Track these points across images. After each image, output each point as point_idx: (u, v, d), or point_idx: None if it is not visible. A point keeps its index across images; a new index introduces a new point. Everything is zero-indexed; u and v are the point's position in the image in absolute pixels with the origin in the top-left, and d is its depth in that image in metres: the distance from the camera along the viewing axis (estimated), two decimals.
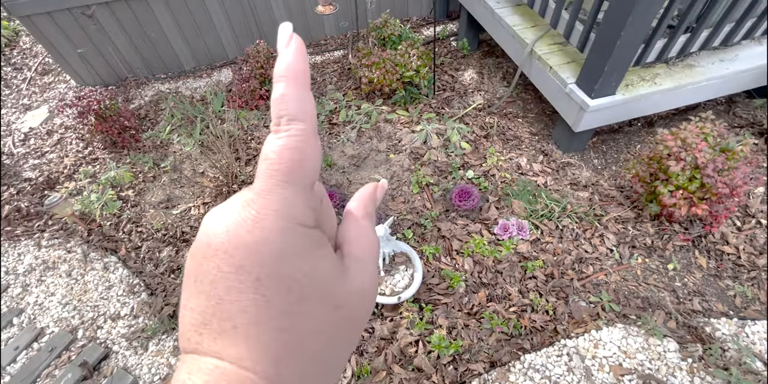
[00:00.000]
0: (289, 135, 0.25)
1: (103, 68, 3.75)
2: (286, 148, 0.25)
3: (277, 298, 0.23)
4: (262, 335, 0.22)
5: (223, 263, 0.23)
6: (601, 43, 2.23)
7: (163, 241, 2.59)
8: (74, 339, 2.19)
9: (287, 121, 0.25)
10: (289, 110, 0.25)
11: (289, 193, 0.24)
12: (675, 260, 2.16)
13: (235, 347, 0.22)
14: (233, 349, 0.22)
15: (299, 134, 0.25)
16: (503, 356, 1.85)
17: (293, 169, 0.25)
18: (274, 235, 0.23)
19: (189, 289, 0.24)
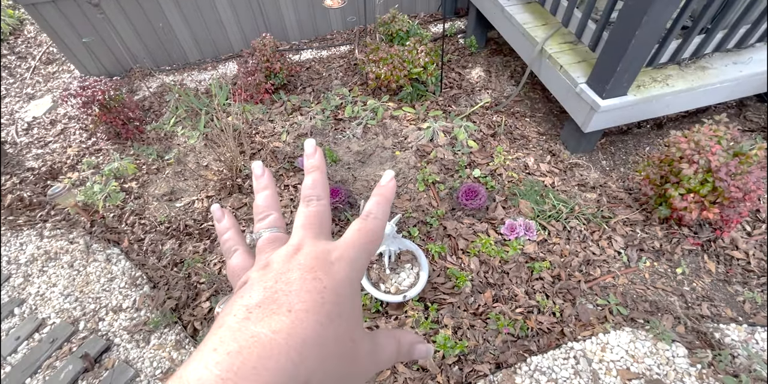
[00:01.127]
0: (318, 205, 0.40)
1: (107, 58, 3.72)
2: (315, 213, 0.39)
3: (328, 304, 0.31)
4: (306, 320, 0.29)
5: (306, 272, 0.32)
6: (614, 43, 2.20)
7: (166, 233, 2.57)
8: (75, 331, 2.17)
9: (317, 198, 0.40)
10: (317, 192, 0.40)
11: (357, 252, 0.36)
12: (684, 264, 2.14)
13: (279, 323, 0.28)
14: (277, 324, 0.28)
15: (323, 206, 0.40)
16: (509, 358, 1.84)
17: (322, 225, 0.38)
18: (346, 269, 0.34)
19: (256, 284, 0.32)
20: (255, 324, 0.28)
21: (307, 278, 0.31)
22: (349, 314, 0.32)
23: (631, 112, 2.50)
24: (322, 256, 0.34)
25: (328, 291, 0.31)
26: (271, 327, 0.28)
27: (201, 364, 0.26)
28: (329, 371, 0.29)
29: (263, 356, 0.26)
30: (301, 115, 3.26)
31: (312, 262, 0.33)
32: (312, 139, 0.42)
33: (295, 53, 4.01)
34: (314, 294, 0.30)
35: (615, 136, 2.92)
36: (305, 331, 0.28)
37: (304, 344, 0.28)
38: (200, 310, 2.19)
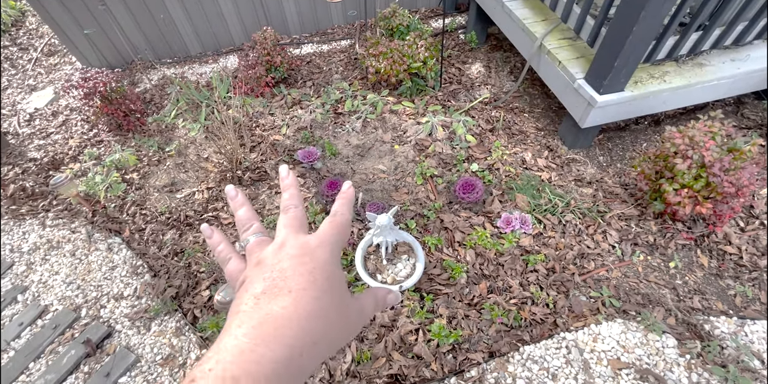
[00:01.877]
0: (295, 211, 0.47)
1: (109, 50, 3.74)
2: (294, 216, 0.47)
3: (319, 281, 0.38)
4: (305, 296, 0.36)
5: (295, 259, 0.39)
6: (612, 39, 2.22)
7: (166, 224, 2.60)
8: (78, 317, 2.21)
9: (294, 206, 0.48)
10: (294, 202, 0.48)
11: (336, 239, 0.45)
12: (677, 258, 2.17)
13: (284, 301, 0.35)
14: (283, 302, 0.35)
15: (300, 211, 0.48)
16: (502, 347, 1.87)
17: (301, 225, 0.46)
18: (327, 252, 0.42)
19: (255, 278, 0.39)
20: (265, 306, 0.35)
21: (297, 263, 0.39)
22: (338, 286, 0.40)
23: (628, 108, 2.52)
24: (305, 245, 0.41)
25: (317, 271, 0.39)
26: (279, 305, 0.35)
27: (231, 338, 0.33)
28: (330, 332, 0.37)
29: (279, 326, 0.34)
30: (301, 109, 3.28)
31: (298, 251, 0.41)
32: (285, 165, 0.52)
33: (295, 47, 4.03)
34: (306, 275, 0.38)
35: (612, 132, 2.95)
36: (307, 305, 0.36)
37: (309, 315, 0.35)
38: (200, 299, 2.22)
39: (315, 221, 2.48)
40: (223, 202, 2.68)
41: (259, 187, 2.75)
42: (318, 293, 0.37)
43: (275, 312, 0.34)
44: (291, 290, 0.36)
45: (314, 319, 0.35)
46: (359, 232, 2.42)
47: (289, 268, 0.38)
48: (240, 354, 0.31)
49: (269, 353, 0.32)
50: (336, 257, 0.42)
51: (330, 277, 0.39)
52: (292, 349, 0.33)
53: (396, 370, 1.82)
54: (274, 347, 0.32)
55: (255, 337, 0.32)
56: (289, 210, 0.47)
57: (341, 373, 1.83)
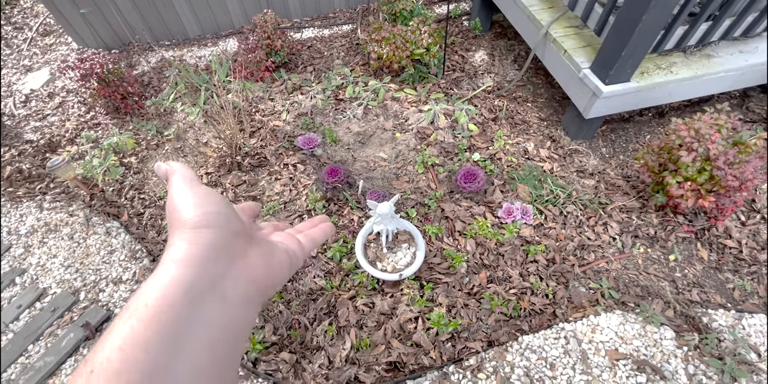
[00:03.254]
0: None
1: (105, 31, 3.66)
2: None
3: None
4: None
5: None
6: (620, 27, 2.18)
7: (165, 208, 2.58)
8: (76, 301, 2.20)
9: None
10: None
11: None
12: (677, 251, 2.17)
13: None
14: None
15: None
16: (501, 336, 1.88)
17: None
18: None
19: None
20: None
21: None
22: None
23: (633, 100, 2.50)
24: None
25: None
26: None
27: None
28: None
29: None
30: (301, 94, 3.24)
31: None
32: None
33: (296, 31, 3.96)
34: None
35: (616, 123, 2.93)
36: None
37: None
38: None
39: (315, 208, 2.47)
40: (222, 188, 2.66)
41: (259, 173, 2.73)
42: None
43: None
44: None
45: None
46: (359, 219, 2.41)
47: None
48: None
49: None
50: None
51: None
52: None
53: (395, 358, 1.83)
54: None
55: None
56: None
57: (340, 359, 1.84)
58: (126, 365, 0.27)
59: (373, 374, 1.80)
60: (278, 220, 2.45)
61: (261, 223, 0.50)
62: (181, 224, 0.36)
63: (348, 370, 1.80)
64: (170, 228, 0.37)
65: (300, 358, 1.88)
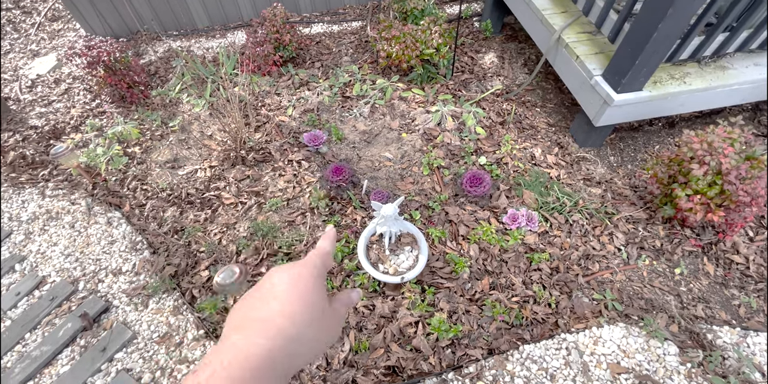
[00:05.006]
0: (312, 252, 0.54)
1: (114, 19, 3.63)
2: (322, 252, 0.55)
3: (300, 289, 0.46)
4: (287, 300, 0.45)
5: (283, 275, 0.48)
6: (635, 35, 2.15)
7: (167, 201, 2.56)
8: (75, 290, 2.19)
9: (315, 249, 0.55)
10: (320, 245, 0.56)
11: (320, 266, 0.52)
12: (683, 265, 2.15)
13: (272, 304, 0.44)
14: (271, 305, 0.44)
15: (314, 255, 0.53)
16: (502, 344, 1.86)
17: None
18: (309, 269, 0.49)
19: (252, 292, 0.47)
20: (258, 310, 0.44)
21: (284, 277, 0.47)
22: (318, 296, 0.47)
23: (644, 109, 2.47)
24: (293, 265, 0.49)
25: (300, 282, 0.47)
26: (268, 307, 0.44)
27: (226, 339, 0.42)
28: (310, 328, 0.44)
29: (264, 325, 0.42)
30: (308, 90, 3.21)
31: (286, 269, 0.48)
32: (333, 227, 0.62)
33: (305, 26, 3.93)
34: (291, 287, 0.46)
35: (625, 132, 2.90)
36: (288, 306, 0.44)
37: (291, 314, 0.43)
38: (199, 279, 2.20)
39: (318, 206, 2.45)
40: (225, 182, 2.64)
41: (263, 168, 2.71)
42: (298, 296, 0.45)
43: (263, 315, 0.43)
44: (276, 297, 0.44)
45: (294, 317, 0.43)
46: (362, 219, 2.39)
47: (277, 280, 0.46)
48: (232, 346, 0.40)
49: (254, 346, 0.40)
50: (318, 274, 0.49)
51: (309, 287, 0.46)
52: (275, 341, 0.41)
53: (394, 362, 1.82)
54: (260, 341, 0.40)
55: (245, 336, 0.41)
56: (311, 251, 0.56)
57: (338, 361, 1.83)
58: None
59: (371, 378, 1.78)
60: (280, 217, 2.43)
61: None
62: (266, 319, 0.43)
63: (346, 373, 1.78)
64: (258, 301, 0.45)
65: None
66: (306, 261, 0.52)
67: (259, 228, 2.34)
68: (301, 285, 0.46)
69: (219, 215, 2.48)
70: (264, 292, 0.46)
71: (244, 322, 0.43)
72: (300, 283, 0.46)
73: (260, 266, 2.23)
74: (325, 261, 0.54)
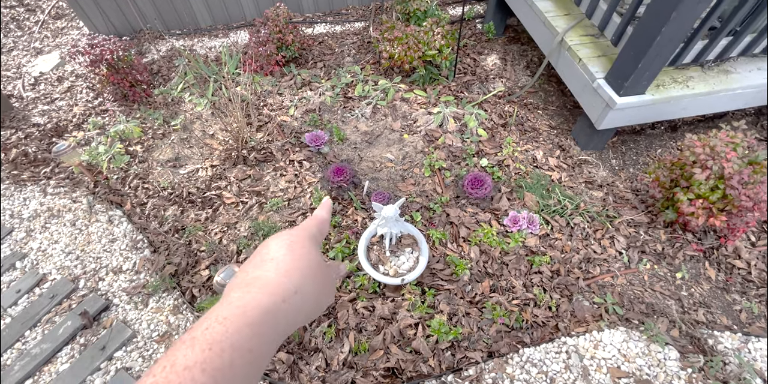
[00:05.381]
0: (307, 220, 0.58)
1: (117, 18, 3.64)
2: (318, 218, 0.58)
3: (296, 250, 0.48)
4: (284, 259, 0.46)
5: (278, 239, 0.50)
6: (638, 39, 2.15)
7: (168, 199, 2.56)
8: (75, 288, 2.19)
9: (311, 219, 0.58)
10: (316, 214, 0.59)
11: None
12: (684, 269, 2.15)
13: (268, 265, 0.46)
14: (267, 266, 0.46)
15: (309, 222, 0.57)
16: (502, 347, 1.86)
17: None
18: (304, 232, 0.52)
19: (250, 259, 0.48)
20: (253, 273, 0.45)
21: (279, 241, 0.49)
22: (313, 254, 0.49)
23: (647, 112, 2.47)
24: (288, 231, 0.51)
25: (295, 243, 0.49)
26: (264, 269, 0.45)
27: (225, 300, 0.41)
28: (307, 284, 0.45)
29: (263, 282, 0.43)
30: (310, 90, 3.21)
31: (281, 235, 0.50)
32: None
33: (308, 26, 3.93)
34: (285, 247, 0.48)
35: (627, 135, 2.90)
36: (285, 264, 0.45)
37: (287, 271, 0.45)
38: (199, 278, 2.20)
39: None
40: (226, 182, 2.64)
41: (264, 168, 2.71)
42: (294, 256, 0.46)
43: (260, 274, 0.44)
44: (273, 258, 0.46)
45: (292, 273, 0.44)
46: (363, 221, 2.39)
47: (272, 245, 0.48)
48: (228, 304, 0.39)
49: (253, 301, 0.40)
50: (313, 239, 0.52)
51: (306, 248, 0.49)
52: (274, 296, 0.41)
53: (393, 364, 1.81)
54: (258, 296, 0.40)
55: (244, 293, 0.41)
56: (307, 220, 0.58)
57: (338, 362, 1.83)
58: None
59: (370, 379, 1.78)
60: (281, 217, 2.43)
61: None
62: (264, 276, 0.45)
63: (345, 374, 1.78)
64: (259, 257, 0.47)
65: (297, 359, 1.86)
66: (301, 226, 0.54)
67: (259, 228, 2.34)
68: (297, 246, 0.48)
69: (220, 214, 2.48)
70: (261, 256, 0.47)
71: (242, 282, 0.43)
72: (296, 245, 0.48)
73: None
74: (321, 227, 0.56)
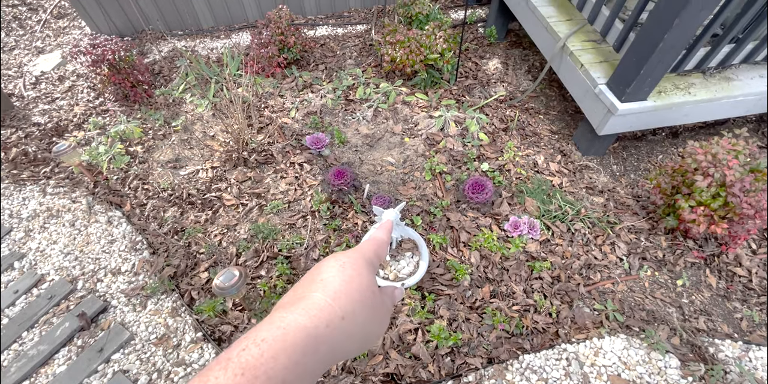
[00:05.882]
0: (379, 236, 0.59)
1: (119, 18, 3.63)
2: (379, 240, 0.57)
3: (347, 271, 0.45)
4: (333, 281, 0.44)
5: (331, 260, 0.47)
6: (640, 45, 2.15)
7: (168, 201, 2.56)
8: (74, 289, 2.18)
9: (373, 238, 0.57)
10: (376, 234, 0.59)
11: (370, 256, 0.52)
12: (685, 276, 2.14)
13: (316, 287, 0.43)
14: (315, 287, 0.43)
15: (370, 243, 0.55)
16: (502, 354, 1.85)
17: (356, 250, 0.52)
18: (358, 253, 0.49)
19: (301, 279, 0.47)
20: (300, 293, 0.43)
21: (331, 261, 0.47)
22: (366, 277, 0.46)
23: (648, 119, 2.47)
24: (343, 252, 0.49)
25: (347, 264, 0.46)
26: (311, 290, 0.43)
27: (269, 320, 0.39)
28: (356, 311, 0.42)
29: (309, 304, 0.41)
30: (311, 93, 3.21)
31: (335, 255, 0.48)
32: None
33: (310, 28, 3.93)
34: (336, 267, 0.46)
35: (628, 141, 2.90)
36: (334, 287, 0.43)
37: (335, 294, 0.42)
38: (198, 280, 2.19)
39: (319, 210, 2.44)
40: (226, 183, 2.63)
41: (265, 170, 2.70)
42: (345, 279, 0.44)
43: (307, 295, 0.41)
44: (323, 279, 0.43)
45: (339, 296, 0.42)
46: (363, 224, 2.39)
47: (324, 265, 0.46)
48: (270, 324, 0.37)
49: (295, 322, 0.37)
50: (369, 262, 0.49)
51: (357, 270, 0.46)
52: (317, 319, 0.38)
53: (392, 370, 1.80)
54: (300, 318, 0.38)
55: (288, 313, 0.39)
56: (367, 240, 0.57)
57: (336, 367, 1.82)
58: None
59: None
60: (281, 219, 2.42)
61: None
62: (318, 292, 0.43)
63: (344, 379, 1.77)
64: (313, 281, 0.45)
65: None
66: (358, 247, 0.52)
67: (259, 230, 2.33)
68: (349, 268, 0.45)
69: (220, 216, 2.47)
70: (312, 276, 0.45)
71: (287, 303, 0.42)
72: (348, 266, 0.46)
73: (260, 269, 2.22)
74: (379, 251, 0.53)
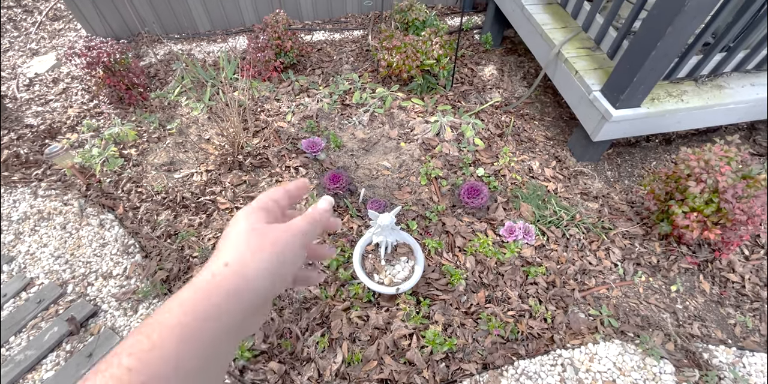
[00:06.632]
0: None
1: (115, 20, 3.62)
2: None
3: (241, 224, 0.46)
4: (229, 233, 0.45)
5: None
6: (633, 52, 2.18)
7: (162, 204, 2.53)
8: (63, 293, 2.14)
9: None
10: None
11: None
12: (679, 282, 2.15)
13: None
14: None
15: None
16: (497, 359, 1.84)
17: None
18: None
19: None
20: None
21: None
22: (245, 221, 0.46)
23: (642, 125, 2.49)
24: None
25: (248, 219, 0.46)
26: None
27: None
28: (244, 252, 0.43)
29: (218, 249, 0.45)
30: (308, 97, 3.21)
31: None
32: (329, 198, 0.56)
33: (307, 33, 3.94)
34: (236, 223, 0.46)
35: (622, 147, 2.92)
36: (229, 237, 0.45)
37: (219, 245, 0.45)
38: None
39: None
40: (221, 187, 2.61)
41: (260, 174, 2.69)
42: (228, 229, 0.45)
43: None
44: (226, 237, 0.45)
45: (221, 246, 0.44)
46: (359, 229, 2.38)
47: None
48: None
49: (191, 281, 0.41)
50: (263, 208, 0.48)
51: (239, 217, 0.46)
52: (205, 271, 0.42)
53: (386, 375, 1.79)
54: (195, 278, 0.42)
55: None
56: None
57: (330, 373, 1.80)
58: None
59: None
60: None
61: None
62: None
63: None
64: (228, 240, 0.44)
65: (289, 368, 1.83)
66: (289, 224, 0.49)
67: None
68: (234, 219, 0.46)
69: (214, 220, 2.45)
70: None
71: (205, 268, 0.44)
72: (236, 217, 0.46)
73: None
74: (290, 197, 0.53)
